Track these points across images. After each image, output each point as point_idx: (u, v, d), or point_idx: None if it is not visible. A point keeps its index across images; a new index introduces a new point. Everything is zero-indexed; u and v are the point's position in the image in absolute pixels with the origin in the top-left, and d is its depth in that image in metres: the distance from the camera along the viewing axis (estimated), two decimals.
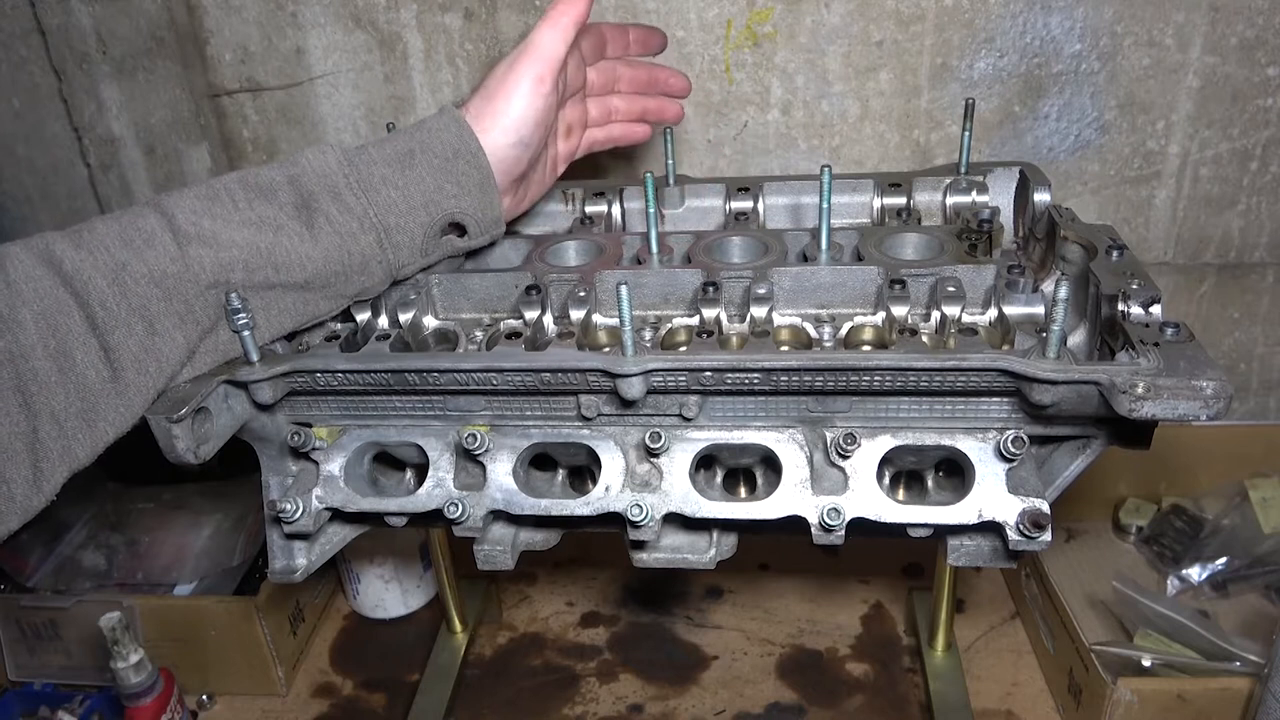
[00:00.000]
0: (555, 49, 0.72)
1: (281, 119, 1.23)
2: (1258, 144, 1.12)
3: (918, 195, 0.86)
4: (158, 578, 1.24)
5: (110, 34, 1.19)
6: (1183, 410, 0.55)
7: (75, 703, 1.11)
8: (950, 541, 0.70)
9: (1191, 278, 1.21)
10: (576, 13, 0.73)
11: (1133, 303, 0.62)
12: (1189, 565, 1.15)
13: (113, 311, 0.60)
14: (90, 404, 0.60)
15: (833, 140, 1.16)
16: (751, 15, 1.10)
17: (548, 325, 0.75)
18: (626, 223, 0.91)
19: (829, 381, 0.62)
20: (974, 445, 0.64)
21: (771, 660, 1.15)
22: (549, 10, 0.73)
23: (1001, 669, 1.11)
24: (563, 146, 0.82)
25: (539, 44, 0.72)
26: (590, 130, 0.85)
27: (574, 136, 0.83)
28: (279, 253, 0.65)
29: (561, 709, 1.11)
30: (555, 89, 0.74)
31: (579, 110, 0.83)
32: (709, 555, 0.72)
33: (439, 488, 0.70)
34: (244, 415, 0.69)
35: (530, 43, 0.73)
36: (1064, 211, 0.76)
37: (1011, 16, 1.07)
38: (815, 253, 0.75)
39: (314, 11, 1.15)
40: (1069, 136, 1.13)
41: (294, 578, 0.76)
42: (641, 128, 0.88)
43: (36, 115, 1.27)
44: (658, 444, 0.65)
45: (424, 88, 1.18)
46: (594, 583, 1.28)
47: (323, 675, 1.18)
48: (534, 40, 0.73)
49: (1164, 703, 0.92)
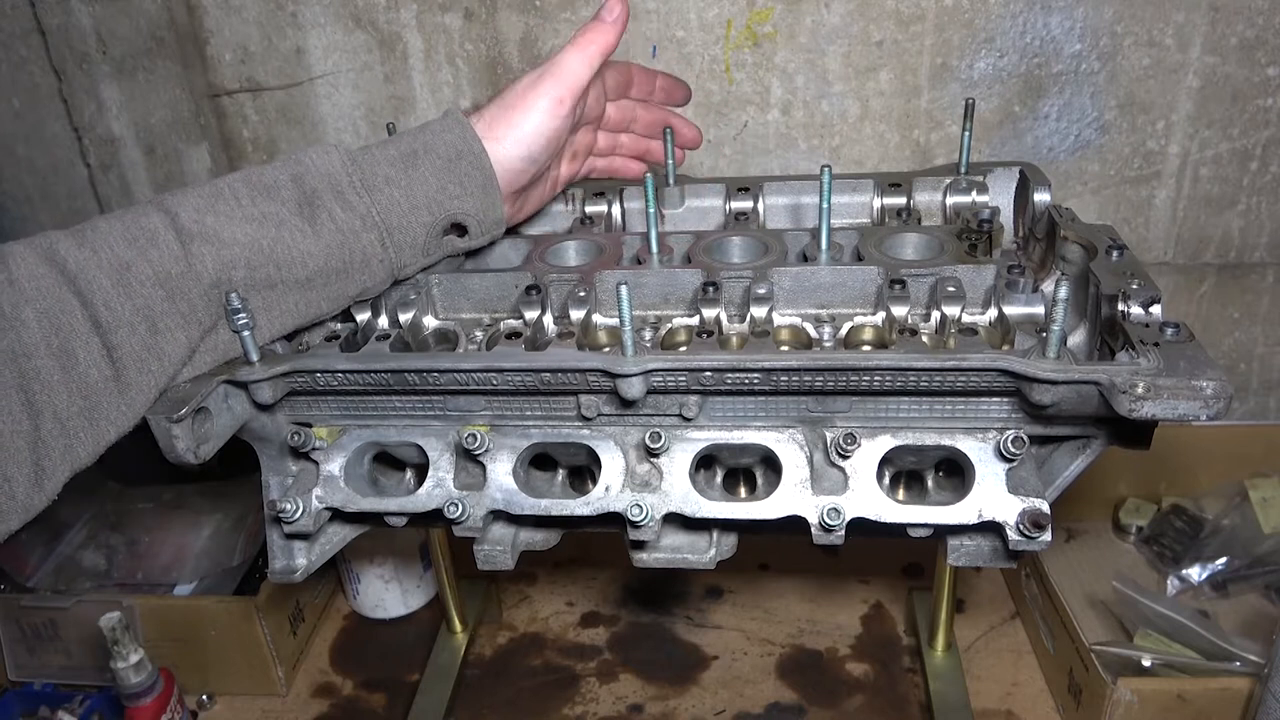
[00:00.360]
0: (579, 74, 0.73)
1: (281, 119, 1.23)
2: (1258, 144, 1.12)
3: (918, 195, 0.86)
4: (158, 578, 1.24)
5: (110, 34, 1.20)
6: (1183, 410, 0.55)
7: (75, 703, 1.11)
8: (950, 541, 0.70)
9: (1191, 278, 1.21)
10: (605, 42, 0.74)
11: (1133, 303, 0.62)
12: (1189, 565, 1.15)
13: (116, 311, 0.60)
14: (92, 403, 0.60)
15: (833, 140, 1.16)
16: (751, 15, 1.10)
17: (548, 325, 0.75)
18: (626, 223, 0.91)
19: (829, 381, 0.62)
20: (974, 445, 0.64)
21: (771, 660, 1.15)
22: (578, 36, 0.74)
23: (1001, 669, 1.11)
24: (566, 169, 0.83)
25: (564, 67, 0.73)
26: (593, 159, 0.87)
27: (578, 161, 0.84)
28: (281, 249, 0.66)
29: (561, 709, 1.11)
30: (573, 113, 0.75)
31: (589, 139, 0.84)
32: (709, 555, 0.72)
33: (439, 488, 0.70)
34: (244, 415, 0.69)
35: (556, 64, 0.74)
36: (1064, 211, 0.76)
37: (1011, 16, 1.07)
38: (815, 253, 0.75)
39: (314, 11, 1.15)
40: (1069, 136, 1.13)
41: (294, 578, 0.76)
42: (638, 165, 0.89)
43: (36, 115, 1.27)
44: (658, 444, 0.65)
45: (424, 88, 1.18)
46: (594, 583, 1.28)
47: (323, 675, 1.18)
48: (560, 62, 0.74)
49: (1164, 703, 0.92)
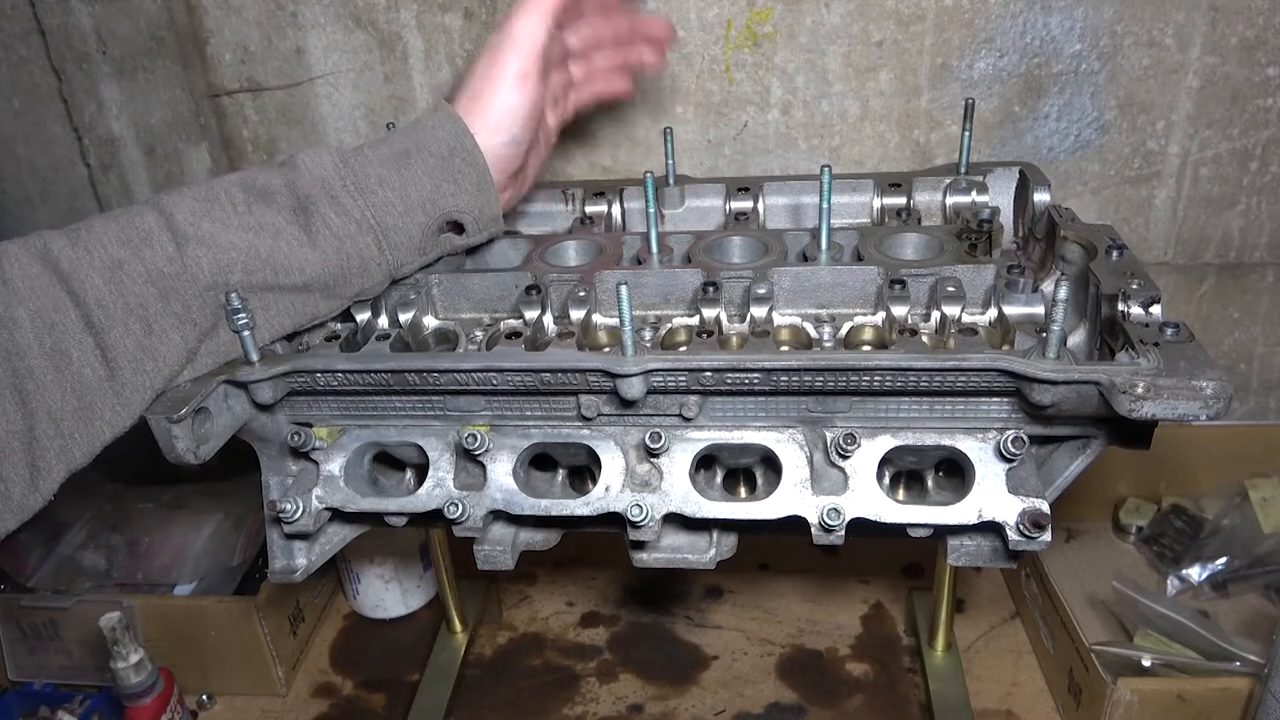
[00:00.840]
0: (535, 37, 0.71)
1: (281, 119, 1.22)
2: (1258, 144, 1.12)
3: (918, 195, 0.86)
4: (158, 578, 1.24)
5: (110, 34, 1.19)
6: (1183, 410, 0.55)
7: (75, 703, 1.11)
8: (950, 541, 0.70)
9: (1191, 278, 1.21)
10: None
11: (1133, 303, 0.62)
12: (1189, 565, 1.15)
13: (109, 310, 0.60)
14: (87, 403, 0.60)
15: (833, 140, 1.16)
16: (751, 15, 1.10)
17: (548, 325, 0.75)
18: (626, 223, 0.91)
19: (829, 381, 0.62)
20: (974, 445, 0.64)
21: (771, 660, 1.15)
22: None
23: (1001, 669, 1.11)
24: (552, 119, 0.80)
25: (517, 34, 0.70)
26: (573, 93, 0.83)
27: (560, 104, 0.81)
28: (278, 257, 0.65)
29: (561, 709, 1.11)
30: (541, 80, 0.72)
31: (563, 78, 0.80)
32: (709, 555, 0.72)
33: (439, 488, 0.70)
34: (244, 415, 0.69)
35: (509, 34, 0.71)
36: (1064, 211, 0.76)
37: (1011, 16, 1.07)
38: (815, 253, 0.75)
39: (314, 11, 1.15)
40: (1069, 136, 1.13)
41: (294, 578, 0.76)
42: (621, 81, 0.85)
43: (36, 115, 1.27)
44: (658, 444, 0.65)
45: (424, 88, 1.18)
46: (594, 583, 1.28)
47: (323, 675, 1.18)
48: (512, 31, 0.71)
49: (1164, 703, 0.92)
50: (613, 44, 0.83)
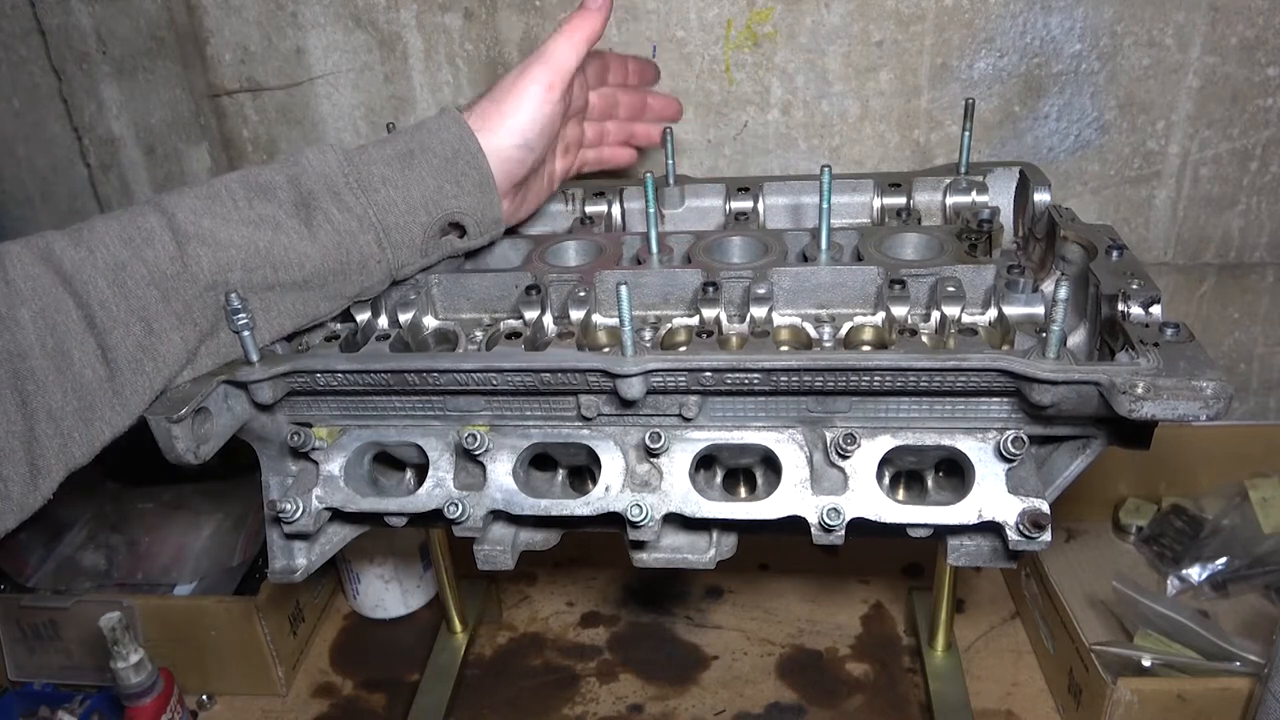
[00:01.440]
0: (567, 60, 0.74)
1: (281, 119, 1.23)
2: (1258, 144, 1.12)
3: (918, 195, 0.86)
4: (158, 578, 1.24)
5: (110, 34, 1.20)
6: (1183, 410, 0.55)
7: (75, 703, 1.11)
8: (950, 541, 0.70)
9: (1191, 278, 1.21)
10: (591, 29, 0.74)
11: (1133, 303, 0.62)
12: (1189, 565, 1.15)
13: (111, 311, 0.60)
14: (87, 403, 0.60)
15: (833, 140, 1.16)
16: (751, 15, 1.10)
17: (548, 325, 0.75)
18: (626, 223, 0.91)
19: (829, 381, 0.62)
20: (974, 445, 0.64)
21: (771, 660, 1.15)
22: (565, 23, 0.74)
23: (1001, 669, 1.11)
24: (560, 164, 0.84)
25: (552, 53, 0.74)
26: (583, 151, 0.87)
27: (570, 155, 0.85)
28: (278, 251, 0.66)
29: (561, 709, 1.11)
30: (564, 98, 0.75)
31: (578, 131, 0.85)
32: (709, 555, 0.72)
33: (439, 488, 0.70)
34: (244, 415, 0.69)
35: (543, 51, 0.74)
36: (1064, 211, 0.76)
37: (1011, 16, 1.07)
38: (815, 253, 0.75)
39: (314, 11, 1.15)
40: (1069, 136, 1.13)
41: (294, 578, 0.76)
42: (627, 151, 0.91)
43: (36, 115, 1.27)
44: (658, 444, 0.65)
45: (424, 88, 1.18)
46: (594, 583, 1.28)
47: (323, 675, 1.18)
48: (547, 49, 0.74)
49: (1164, 703, 0.92)
50: (626, 115, 0.89)
